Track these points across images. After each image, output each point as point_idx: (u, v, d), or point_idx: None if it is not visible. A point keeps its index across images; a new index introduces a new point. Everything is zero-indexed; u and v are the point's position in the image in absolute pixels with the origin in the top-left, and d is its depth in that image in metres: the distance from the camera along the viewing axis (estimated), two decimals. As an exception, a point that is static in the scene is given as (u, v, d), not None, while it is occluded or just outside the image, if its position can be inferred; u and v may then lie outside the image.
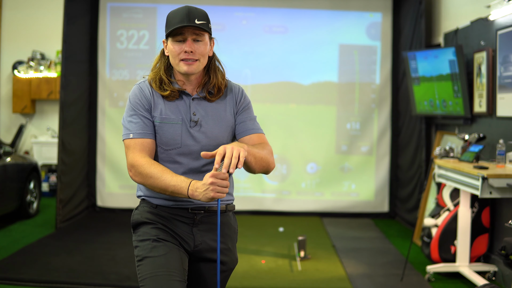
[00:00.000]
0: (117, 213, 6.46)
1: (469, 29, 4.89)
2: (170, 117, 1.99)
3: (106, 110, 6.57)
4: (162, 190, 1.89)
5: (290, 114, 6.62)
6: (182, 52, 1.96)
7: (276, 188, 6.64)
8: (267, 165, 1.98)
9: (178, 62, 1.98)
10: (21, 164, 5.87)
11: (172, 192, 1.87)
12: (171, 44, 1.98)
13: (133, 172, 1.94)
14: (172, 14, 1.99)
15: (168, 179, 1.87)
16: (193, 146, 1.99)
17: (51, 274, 4.11)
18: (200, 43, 1.98)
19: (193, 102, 2.02)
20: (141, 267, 1.92)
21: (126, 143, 1.99)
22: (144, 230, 2.00)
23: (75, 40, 6.00)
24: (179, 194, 1.86)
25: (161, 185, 1.88)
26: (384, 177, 6.60)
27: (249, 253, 4.93)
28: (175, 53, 1.97)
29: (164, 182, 1.87)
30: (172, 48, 1.98)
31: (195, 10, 1.96)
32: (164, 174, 1.89)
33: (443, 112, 5.20)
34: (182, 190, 1.84)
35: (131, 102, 2.01)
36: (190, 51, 1.96)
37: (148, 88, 2.02)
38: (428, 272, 4.24)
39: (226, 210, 2.10)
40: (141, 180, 1.93)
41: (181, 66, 1.98)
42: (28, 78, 7.28)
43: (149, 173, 1.90)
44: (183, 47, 1.96)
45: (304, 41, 6.57)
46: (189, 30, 1.95)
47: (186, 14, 1.94)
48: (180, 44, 1.97)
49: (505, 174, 3.65)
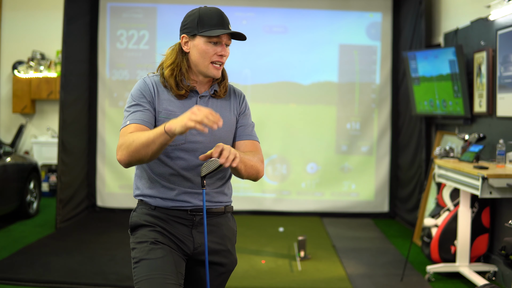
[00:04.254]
0: (117, 213, 6.46)
1: (469, 29, 4.89)
2: (176, 113, 1.96)
3: (106, 110, 6.57)
4: (145, 145, 1.79)
5: (290, 114, 6.62)
6: (216, 54, 1.96)
7: (276, 188, 6.64)
8: (256, 173, 1.99)
9: (208, 64, 1.97)
10: (21, 164, 5.87)
11: (154, 141, 1.78)
12: (204, 44, 1.96)
13: (119, 152, 1.85)
14: (208, 15, 1.97)
15: (147, 133, 1.81)
16: (197, 143, 1.98)
17: (51, 274, 4.11)
18: (227, 48, 2.00)
19: (200, 100, 2.02)
20: (137, 269, 1.91)
21: (121, 132, 1.92)
22: (142, 233, 1.99)
23: (75, 40, 6.00)
24: (159, 137, 1.77)
25: (143, 140, 1.79)
26: (384, 177, 6.60)
27: (249, 253, 4.93)
28: (208, 54, 1.95)
29: (145, 135, 1.80)
30: (205, 48, 1.95)
31: (225, 14, 2.00)
32: (144, 132, 1.84)
33: (443, 112, 5.20)
34: (159, 130, 1.77)
35: (132, 94, 1.99)
36: (223, 55, 1.97)
37: (153, 82, 1.99)
38: (428, 272, 4.24)
39: (224, 212, 2.09)
40: (127, 153, 1.83)
41: (210, 69, 1.97)
42: (28, 78, 7.28)
43: (131, 139, 1.82)
44: (218, 50, 1.96)
45: (304, 41, 6.57)
46: (226, 35, 1.97)
47: (222, 17, 1.97)
48: (214, 46, 1.96)
49: (505, 174, 3.65)
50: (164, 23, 6.50)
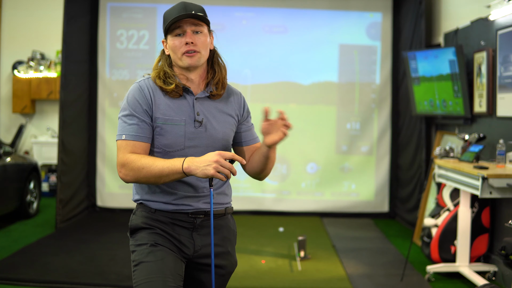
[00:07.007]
0: (117, 213, 6.46)
1: (469, 29, 4.89)
2: (173, 118, 1.93)
3: (106, 110, 6.57)
4: (157, 176, 1.81)
5: (290, 114, 6.48)
6: (183, 45, 1.92)
7: (276, 188, 6.64)
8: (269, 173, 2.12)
9: (180, 57, 1.93)
10: (21, 164, 5.87)
11: (167, 175, 1.80)
12: (171, 40, 1.94)
13: (123, 171, 1.86)
14: (168, 11, 1.95)
15: (162, 163, 1.81)
16: (197, 147, 1.95)
17: (51, 274, 4.11)
18: (200, 35, 1.94)
19: (197, 102, 1.97)
20: (137, 272, 1.89)
21: (118, 144, 1.91)
22: (141, 235, 1.96)
23: (75, 40, 6.00)
24: (175, 174, 1.79)
25: (155, 171, 1.81)
26: (384, 177, 6.60)
27: (249, 253, 4.92)
28: (177, 47, 1.93)
29: (158, 167, 1.81)
30: (172, 43, 1.93)
31: (191, 3, 1.94)
32: (157, 160, 1.83)
33: (443, 112, 5.20)
34: (176, 167, 1.78)
35: (128, 102, 1.92)
36: (191, 42, 1.91)
37: (149, 87, 1.94)
38: (428, 272, 4.24)
39: (225, 213, 2.07)
40: (134, 175, 1.85)
41: (184, 60, 1.93)
42: (28, 78, 7.28)
43: (140, 165, 1.83)
44: (184, 40, 1.92)
45: (304, 41, 6.57)
46: (187, 22, 1.92)
47: (182, 7, 1.91)
48: (180, 38, 1.93)
49: (505, 174, 3.65)
50: (164, 23, 6.49)
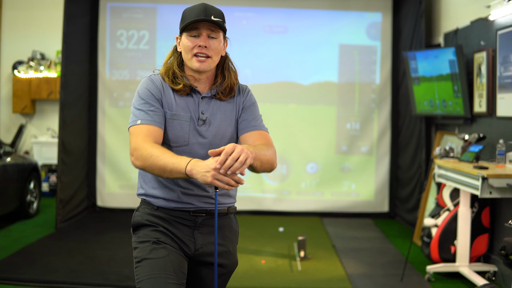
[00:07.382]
0: (117, 213, 6.46)
1: (469, 29, 4.89)
2: (180, 114, 1.96)
3: (106, 110, 6.57)
4: (161, 169, 1.81)
5: (290, 114, 6.62)
6: (196, 46, 1.93)
7: (276, 188, 6.64)
8: (271, 166, 1.95)
9: (190, 58, 1.95)
10: (21, 164, 5.87)
11: (170, 171, 1.80)
12: (185, 38, 1.96)
13: (135, 155, 1.87)
14: (188, 10, 1.96)
15: (168, 157, 1.81)
16: (200, 144, 1.98)
17: (51, 274, 4.11)
18: (215, 40, 1.96)
19: (202, 100, 2.00)
20: (139, 269, 1.90)
21: (131, 130, 1.92)
22: (144, 232, 1.98)
23: (75, 40, 6.00)
24: (178, 173, 1.79)
25: (161, 163, 1.81)
26: (384, 177, 6.60)
27: (249, 253, 4.93)
28: (189, 47, 1.94)
29: (164, 160, 1.80)
30: (186, 42, 1.95)
31: (212, 7, 1.95)
32: (166, 153, 1.83)
33: (443, 112, 5.20)
34: (180, 167, 1.78)
35: (140, 93, 1.96)
36: (204, 46, 1.93)
37: (159, 81, 1.99)
38: (428, 272, 4.24)
39: (227, 213, 2.08)
40: (142, 162, 1.85)
41: (193, 62, 1.95)
42: (28, 78, 7.28)
43: (150, 153, 1.83)
44: (197, 42, 1.93)
45: (304, 41, 6.57)
46: (204, 25, 1.93)
47: (203, 10, 1.92)
48: (194, 39, 1.94)
49: (505, 174, 3.65)
50: (164, 23, 6.50)
